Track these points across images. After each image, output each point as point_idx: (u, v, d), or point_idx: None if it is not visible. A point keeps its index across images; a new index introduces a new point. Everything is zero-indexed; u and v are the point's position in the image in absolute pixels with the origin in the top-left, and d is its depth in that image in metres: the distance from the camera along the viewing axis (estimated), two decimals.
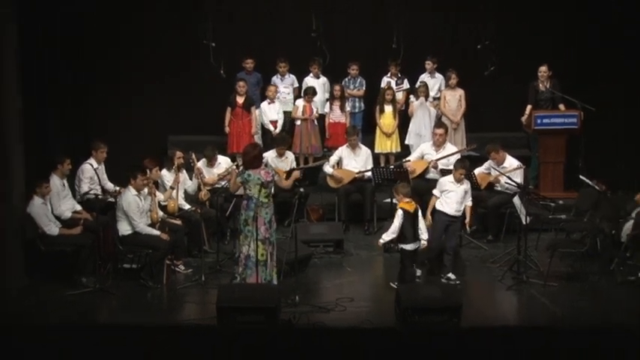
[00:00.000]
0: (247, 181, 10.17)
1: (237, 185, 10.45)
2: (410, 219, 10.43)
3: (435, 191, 11.22)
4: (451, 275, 10.89)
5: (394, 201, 11.04)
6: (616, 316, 9.96)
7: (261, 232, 10.09)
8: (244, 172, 10.26)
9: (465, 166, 11.18)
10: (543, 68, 13.87)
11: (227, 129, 14.15)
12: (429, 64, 14.40)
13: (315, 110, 14.18)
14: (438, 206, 11.03)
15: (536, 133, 13.80)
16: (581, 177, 11.92)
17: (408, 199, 10.53)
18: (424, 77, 14.52)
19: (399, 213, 10.43)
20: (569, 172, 13.56)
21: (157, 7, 14.88)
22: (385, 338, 9.36)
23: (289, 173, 11.99)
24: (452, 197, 10.97)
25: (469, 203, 11.20)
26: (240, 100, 14.08)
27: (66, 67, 14.26)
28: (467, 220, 11.36)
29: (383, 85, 14.54)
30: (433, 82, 14.47)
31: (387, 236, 10.58)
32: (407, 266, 10.47)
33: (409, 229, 10.43)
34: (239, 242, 10.30)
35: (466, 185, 11.10)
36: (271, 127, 14.17)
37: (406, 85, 14.57)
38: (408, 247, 10.44)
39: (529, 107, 13.92)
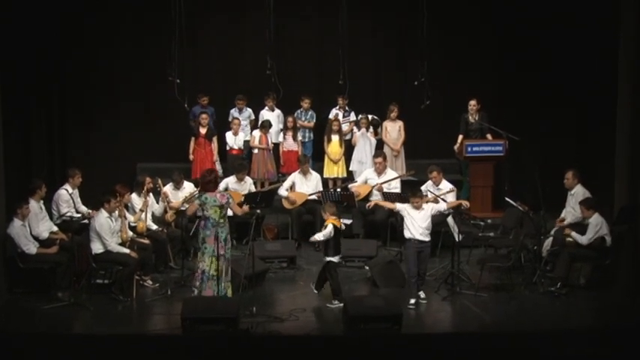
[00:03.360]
0: (204, 203, 10.21)
1: (194, 207, 10.54)
2: (336, 234, 10.55)
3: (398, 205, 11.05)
4: (421, 294, 10.70)
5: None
6: (538, 322, 10.06)
7: (217, 249, 10.11)
8: (202, 195, 10.29)
9: (417, 194, 10.81)
10: (473, 102, 14.02)
11: (191, 157, 14.19)
12: (364, 123, 14.28)
13: (269, 141, 14.23)
14: (407, 234, 10.67)
15: (467, 160, 13.92)
16: (506, 199, 12.03)
17: (334, 217, 10.61)
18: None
19: (330, 227, 10.51)
20: (496, 194, 13.71)
21: (128, 45, 14.86)
22: (334, 344, 9.40)
23: (247, 197, 11.99)
24: (416, 222, 10.61)
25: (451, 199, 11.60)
26: (202, 131, 14.15)
27: (46, 99, 14.20)
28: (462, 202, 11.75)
29: (331, 116, 14.63)
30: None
31: (318, 237, 10.64)
32: (334, 277, 10.55)
33: (336, 243, 10.54)
34: (197, 259, 10.31)
35: (426, 210, 10.67)
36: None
37: (352, 117, 14.65)
38: (335, 259, 10.55)
39: (460, 137, 14.04)
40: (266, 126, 14.19)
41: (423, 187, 12.59)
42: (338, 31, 14.00)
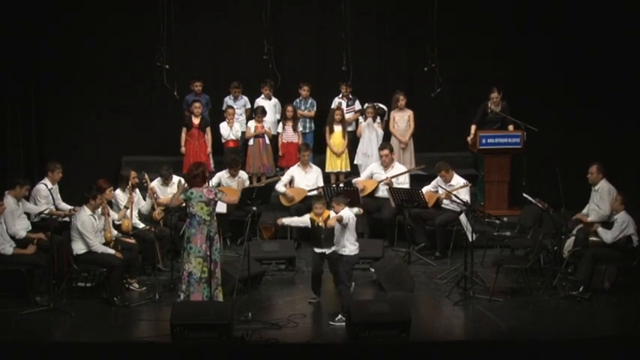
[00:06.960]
0: (190, 198, 10.17)
1: (178, 201, 10.49)
2: (315, 228, 10.46)
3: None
4: (340, 316, 10.13)
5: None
6: (559, 329, 10.05)
7: (202, 249, 10.09)
8: (187, 190, 10.28)
9: (340, 200, 10.48)
10: (494, 94, 13.79)
11: (183, 149, 14.19)
12: (370, 112, 14.23)
13: (267, 128, 14.22)
14: None
15: (480, 152, 13.84)
16: (524, 195, 12.02)
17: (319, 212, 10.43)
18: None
19: (306, 217, 10.60)
20: (513, 190, 13.67)
21: (112, 30, 14.86)
22: (337, 353, 9.42)
23: (242, 193, 11.98)
24: None
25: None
26: (195, 121, 14.15)
27: (22, 88, 14.19)
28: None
29: (334, 105, 14.60)
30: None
31: (286, 220, 10.79)
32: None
33: (314, 236, 10.56)
34: (182, 259, 10.31)
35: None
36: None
37: (357, 106, 14.61)
38: (316, 249, 10.58)
39: (473, 127, 13.94)
40: (259, 112, 14.13)
41: (433, 182, 12.70)
42: (341, 13, 14.00)
